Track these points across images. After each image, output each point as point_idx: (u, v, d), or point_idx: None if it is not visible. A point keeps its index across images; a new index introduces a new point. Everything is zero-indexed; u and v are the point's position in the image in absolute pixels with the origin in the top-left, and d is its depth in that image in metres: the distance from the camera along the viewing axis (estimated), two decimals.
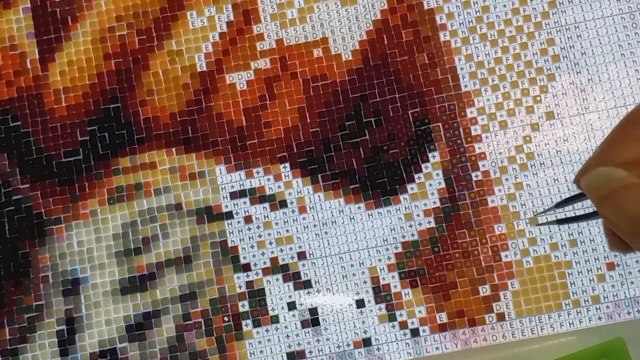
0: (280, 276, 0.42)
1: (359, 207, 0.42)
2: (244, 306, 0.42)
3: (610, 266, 0.41)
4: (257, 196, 0.43)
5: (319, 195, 0.43)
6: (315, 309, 0.42)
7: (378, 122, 0.43)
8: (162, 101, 0.44)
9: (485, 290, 0.41)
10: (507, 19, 0.43)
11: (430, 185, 0.42)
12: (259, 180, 0.43)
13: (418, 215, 0.42)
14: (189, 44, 0.44)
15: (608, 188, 0.29)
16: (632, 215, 0.28)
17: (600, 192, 0.30)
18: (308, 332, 0.42)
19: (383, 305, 0.41)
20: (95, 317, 0.42)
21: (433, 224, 0.42)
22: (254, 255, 0.42)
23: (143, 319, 0.42)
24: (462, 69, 0.43)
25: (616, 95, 0.42)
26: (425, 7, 0.44)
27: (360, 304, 0.42)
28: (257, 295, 0.42)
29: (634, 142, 0.30)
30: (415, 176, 0.42)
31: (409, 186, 0.42)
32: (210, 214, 0.43)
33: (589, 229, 0.41)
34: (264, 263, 0.42)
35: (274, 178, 0.43)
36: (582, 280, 0.41)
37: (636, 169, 0.29)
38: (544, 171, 0.42)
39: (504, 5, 0.43)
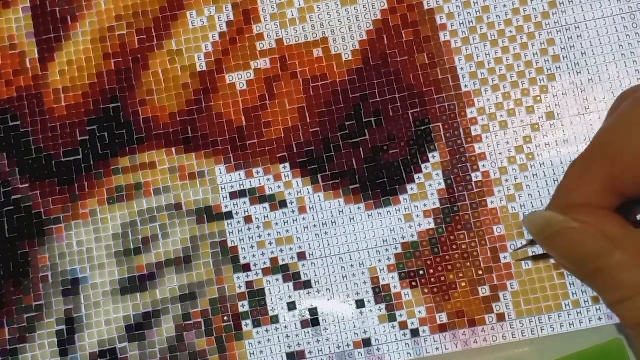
0: (280, 276, 0.42)
1: (359, 208, 0.42)
2: (243, 306, 0.42)
3: None
4: (257, 196, 0.43)
5: (319, 196, 0.43)
6: (315, 309, 0.42)
7: (378, 122, 0.43)
8: (162, 101, 0.44)
9: (485, 291, 0.41)
10: (507, 19, 0.43)
11: (430, 185, 0.42)
12: (259, 180, 0.43)
13: (418, 216, 0.42)
14: (189, 44, 0.44)
15: (548, 232, 0.29)
16: (574, 258, 0.28)
17: (542, 236, 0.29)
18: (308, 332, 0.42)
19: (383, 306, 0.42)
20: (95, 317, 0.42)
21: (433, 225, 0.42)
22: (254, 256, 0.42)
23: (143, 319, 0.42)
24: (462, 69, 0.43)
25: (616, 96, 0.42)
26: (426, 7, 0.44)
27: (360, 304, 0.42)
28: (257, 296, 0.42)
29: (582, 187, 0.29)
30: (415, 176, 0.42)
31: (408, 186, 0.42)
32: (210, 214, 0.43)
33: None
34: (264, 263, 0.42)
35: (274, 178, 0.43)
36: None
37: (579, 212, 0.29)
38: (544, 172, 0.42)
39: (504, 6, 0.43)
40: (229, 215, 0.43)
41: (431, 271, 0.42)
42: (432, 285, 0.41)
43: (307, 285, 0.42)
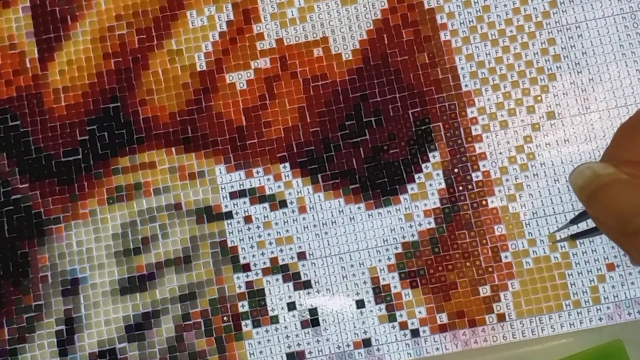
0: (280, 276, 0.42)
1: (359, 207, 0.42)
2: (243, 306, 0.42)
3: (611, 267, 0.41)
4: (257, 196, 0.43)
5: (319, 195, 0.43)
6: (315, 309, 0.42)
7: (378, 122, 0.43)
8: (161, 101, 0.44)
9: (485, 291, 0.41)
10: (507, 18, 0.43)
11: (431, 185, 0.42)
12: (259, 180, 0.43)
13: (418, 215, 0.42)
14: (189, 44, 0.44)
15: (595, 184, 0.28)
16: (620, 212, 0.27)
17: (589, 189, 0.28)
18: (308, 333, 0.42)
19: (383, 306, 0.41)
20: (95, 317, 0.42)
21: (433, 225, 0.42)
22: (253, 256, 0.42)
23: (142, 319, 0.42)
24: (462, 68, 0.43)
25: (617, 95, 0.42)
26: (426, 6, 0.44)
27: (360, 304, 0.42)
28: (256, 296, 0.42)
29: (633, 145, 0.29)
30: (416, 176, 0.42)
31: (409, 186, 0.42)
32: (210, 214, 0.43)
33: None
34: (264, 263, 0.42)
35: (273, 178, 0.43)
36: (582, 280, 0.41)
37: (629, 166, 0.28)
38: (544, 171, 0.42)
39: (505, 5, 0.43)
40: (228, 215, 0.43)
41: (431, 271, 0.41)
42: (432, 285, 0.41)
43: (307, 285, 0.42)
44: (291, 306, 0.42)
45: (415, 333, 0.41)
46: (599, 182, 0.28)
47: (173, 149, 0.44)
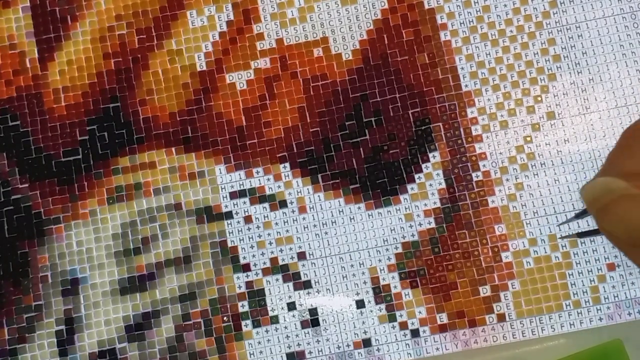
0: (280, 276, 0.42)
1: (359, 207, 0.42)
2: (243, 306, 0.42)
3: (611, 267, 0.41)
4: (257, 196, 0.43)
5: (319, 195, 0.43)
6: (315, 309, 0.42)
7: (378, 122, 0.43)
8: (161, 101, 0.44)
9: (485, 291, 0.41)
10: (507, 18, 0.43)
11: (431, 185, 0.42)
12: (259, 180, 0.43)
13: (418, 215, 0.42)
14: (189, 44, 0.44)
15: (607, 198, 0.29)
16: (630, 226, 0.28)
17: (600, 203, 0.30)
18: (308, 333, 0.42)
19: (383, 306, 0.41)
20: (95, 317, 0.42)
21: (433, 225, 0.42)
22: (253, 256, 0.42)
23: (142, 319, 0.42)
24: (462, 68, 0.43)
25: (617, 95, 0.42)
26: (426, 6, 0.44)
27: (360, 304, 0.42)
28: (256, 296, 0.42)
29: (636, 155, 0.30)
30: (416, 176, 0.42)
31: (409, 186, 0.42)
32: (209, 214, 0.43)
33: None
34: (264, 263, 0.42)
35: (273, 178, 0.43)
36: (582, 280, 0.41)
37: (637, 179, 0.29)
38: (544, 171, 0.42)
39: (505, 5, 0.43)
40: (228, 215, 0.43)
41: (431, 271, 0.41)
42: (432, 285, 0.41)
43: (307, 285, 0.42)
44: (291, 306, 0.42)
45: (415, 333, 0.41)
46: (612, 197, 0.29)
47: (173, 149, 0.44)
